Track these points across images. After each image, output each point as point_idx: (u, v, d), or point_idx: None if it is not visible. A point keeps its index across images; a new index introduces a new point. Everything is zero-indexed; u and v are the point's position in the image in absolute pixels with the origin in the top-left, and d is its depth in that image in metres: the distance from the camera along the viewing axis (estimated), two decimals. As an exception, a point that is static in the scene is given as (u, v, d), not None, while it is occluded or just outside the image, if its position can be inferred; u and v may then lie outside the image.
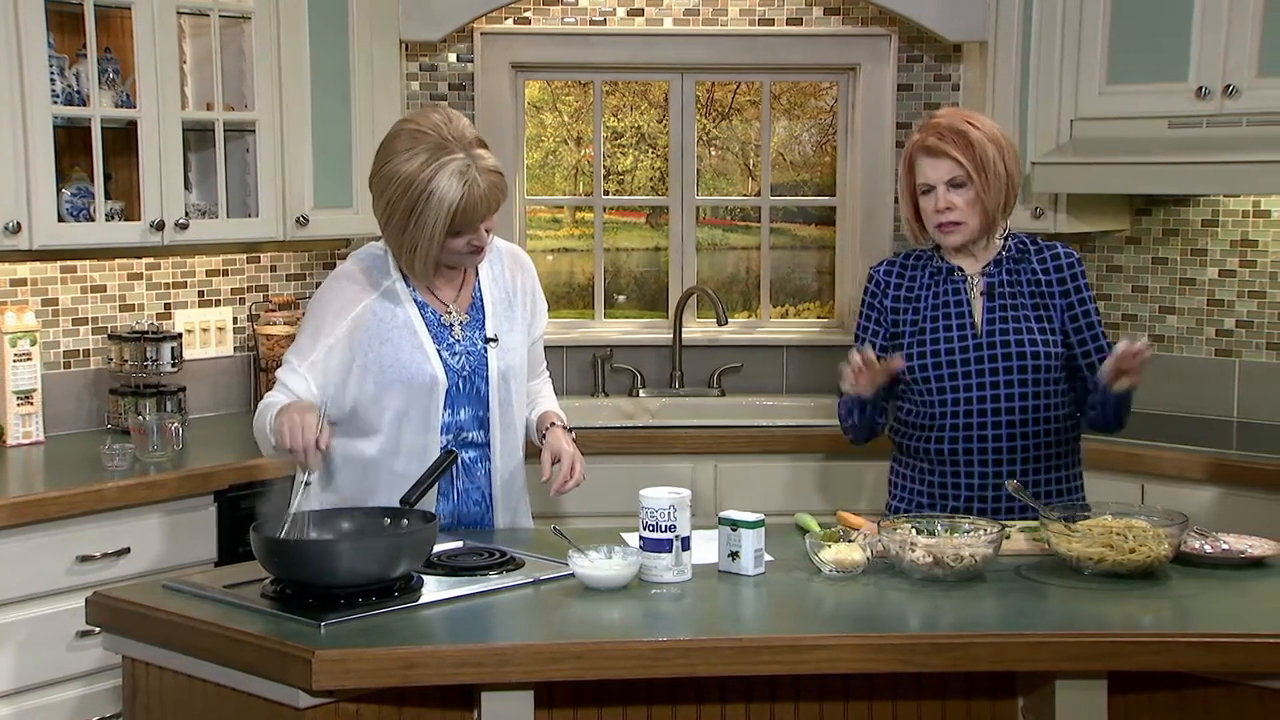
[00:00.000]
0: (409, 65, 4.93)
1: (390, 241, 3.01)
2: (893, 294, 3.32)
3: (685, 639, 2.47)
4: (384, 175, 2.94)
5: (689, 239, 5.15)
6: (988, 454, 3.22)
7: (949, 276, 3.28)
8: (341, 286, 3.06)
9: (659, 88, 5.16)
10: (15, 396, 4.00)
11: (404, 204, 2.90)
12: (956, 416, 3.23)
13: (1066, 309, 3.24)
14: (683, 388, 5.02)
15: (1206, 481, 3.96)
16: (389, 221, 2.96)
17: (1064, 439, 3.28)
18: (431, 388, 3.02)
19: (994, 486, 3.23)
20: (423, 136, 2.91)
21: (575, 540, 2.80)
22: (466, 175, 2.88)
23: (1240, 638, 2.50)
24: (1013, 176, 3.20)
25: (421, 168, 2.88)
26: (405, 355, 3.01)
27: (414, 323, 3.04)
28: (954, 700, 2.67)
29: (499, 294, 3.15)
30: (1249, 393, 4.58)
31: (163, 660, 2.59)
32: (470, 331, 3.09)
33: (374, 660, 2.36)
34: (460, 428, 3.08)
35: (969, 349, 3.23)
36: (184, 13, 4.15)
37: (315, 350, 3.01)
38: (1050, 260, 3.26)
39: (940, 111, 3.30)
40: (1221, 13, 4.16)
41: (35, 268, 4.17)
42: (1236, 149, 4.08)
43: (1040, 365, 3.21)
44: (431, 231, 2.90)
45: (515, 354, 3.14)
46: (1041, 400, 3.22)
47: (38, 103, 3.77)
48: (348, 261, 3.12)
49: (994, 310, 3.24)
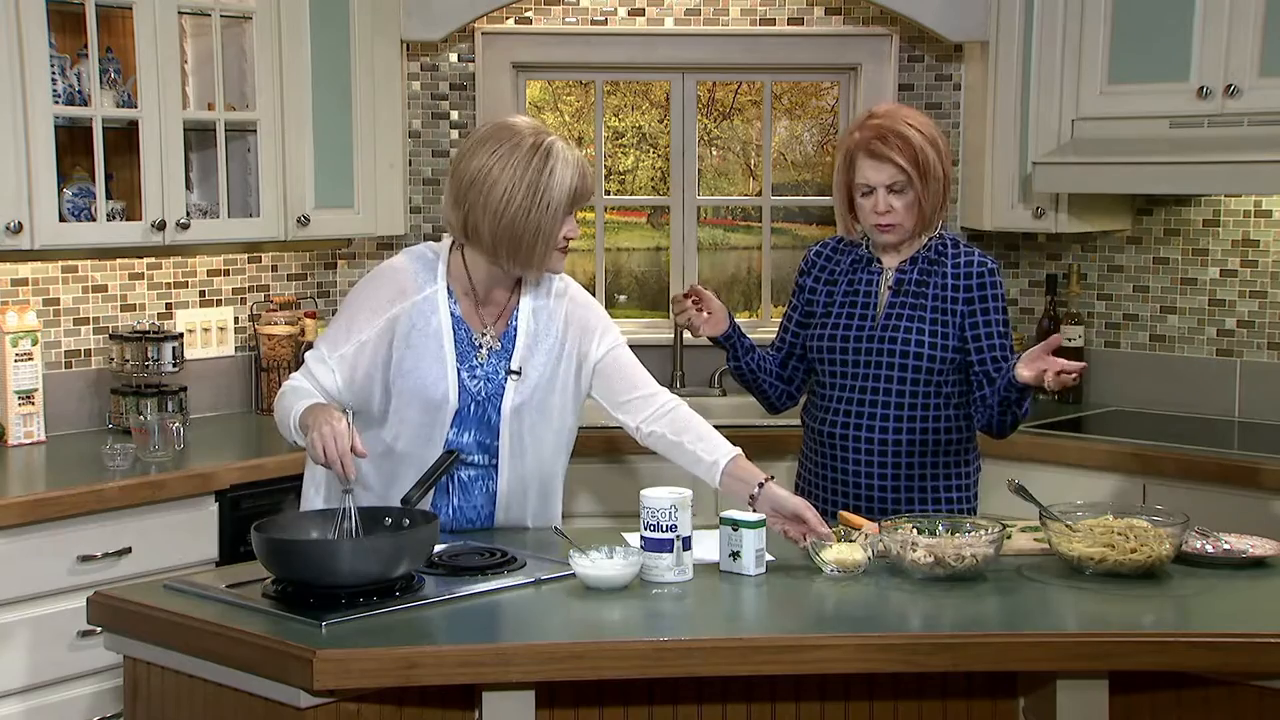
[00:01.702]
0: (410, 65, 4.93)
1: (505, 240, 2.91)
2: (814, 274, 3.42)
3: (686, 639, 2.47)
4: (487, 167, 2.90)
5: (690, 239, 5.15)
6: (862, 442, 3.29)
7: (866, 267, 3.34)
8: (384, 282, 3.02)
9: (660, 87, 5.17)
10: (16, 396, 4.01)
11: (521, 194, 2.88)
12: (840, 403, 3.32)
13: (968, 315, 3.25)
14: (684, 388, 5.02)
15: (1208, 481, 3.96)
16: (501, 217, 2.89)
17: (948, 442, 3.30)
18: (440, 405, 2.99)
19: (866, 475, 3.29)
20: (512, 131, 2.94)
21: (576, 540, 2.80)
22: (572, 151, 2.95)
23: (1241, 637, 2.50)
24: (948, 175, 3.26)
25: (534, 149, 2.90)
26: (425, 366, 2.98)
27: (443, 335, 3.00)
28: (955, 700, 2.67)
29: (534, 328, 3.08)
30: (1250, 392, 4.58)
31: (164, 660, 2.59)
32: (495, 360, 3.05)
33: (375, 660, 2.36)
34: (463, 449, 3.04)
35: (862, 340, 3.29)
36: (185, 13, 4.15)
37: (348, 343, 2.99)
38: (963, 266, 3.28)
39: (879, 109, 3.32)
40: (1223, 13, 4.16)
41: (36, 267, 4.17)
42: (1238, 149, 4.08)
43: (923, 366, 3.24)
44: (555, 210, 2.90)
45: (539, 390, 3.07)
46: (921, 400, 3.26)
47: (39, 103, 3.77)
48: (398, 257, 3.07)
49: (895, 306, 3.29)
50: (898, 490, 3.30)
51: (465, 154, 2.96)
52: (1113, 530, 2.82)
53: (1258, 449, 4.05)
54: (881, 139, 3.20)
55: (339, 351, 2.99)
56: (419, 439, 3.01)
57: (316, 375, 2.99)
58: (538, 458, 3.11)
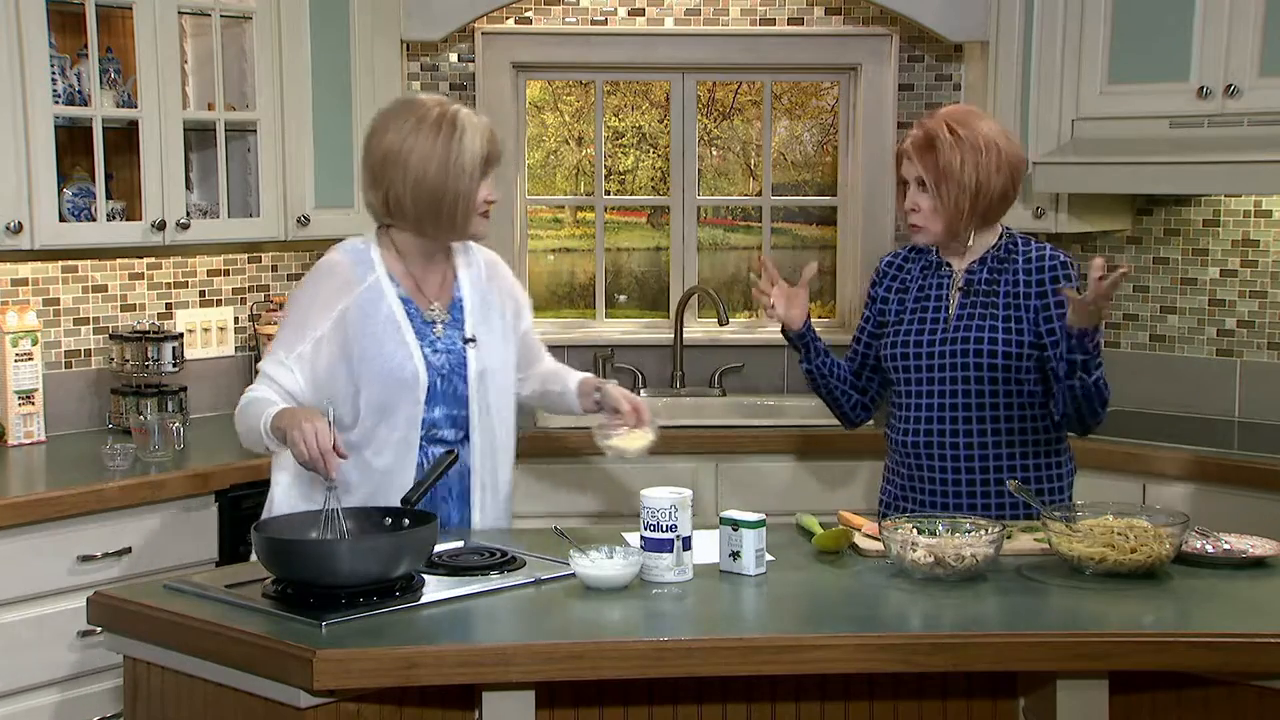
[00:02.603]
0: (410, 65, 4.93)
1: (424, 207, 2.99)
2: (886, 284, 3.40)
3: (686, 639, 2.47)
4: (399, 143, 2.97)
5: (690, 239, 5.15)
6: (946, 448, 3.24)
7: (936, 271, 3.32)
8: (326, 279, 3.05)
9: (660, 87, 5.17)
10: (16, 396, 4.01)
11: (435, 162, 2.95)
12: (919, 409, 3.27)
13: (1041, 309, 3.21)
14: (684, 388, 5.02)
15: (1208, 481, 3.96)
16: (418, 186, 2.96)
17: (1035, 441, 3.25)
18: (414, 384, 3.02)
19: (954, 481, 3.24)
20: (418, 105, 3.01)
21: (576, 540, 2.80)
22: (479, 118, 3.01)
23: (1241, 637, 2.49)
24: (984, 184, 3.17)
25: (439, 120, 2.96)
26: (389, 350, 3.01)
27: (398, 318, 3.04)
28: (955, 700, 2.67)
29: (477, 298, 3.16)
30: (1250, 392, 4.58)
31: (164, 660, 2.59)
32: (451, 331, 3.10)
33: (375, 660, 2.36)
34: (433, 424, 3.07)
35: (935, 343, 3.25)
36: (185, 13, 4.15)
37: (302, 342, 3.00)
38: (1035, 261, 3.25)
39: (941, 109, 3.30)
40: (1223, 12, 4.16)
41: (36, 267, 4.17)
42: (1238, 149, 4.08)
43: (999, 365, 3.19)
44: (472, 170, 2.96)
45: (494, 357, 3.14)
46: (1001, 399, 3.21)
47: (39, 103, 3.77)
48: (332, 253, 3.09)
49: (966, 307, 3.25)
50: (987, 495, 3.23)
51: (375, 133, 3.03)
52: (1113, 530, 2.82)
53: (1258, 449, 4.05)
54: (912, 140, 3.23)
55: (296, 351, 3.00)
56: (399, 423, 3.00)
57: (277, 379, 2.99)
58: (504, 426, 3.19)
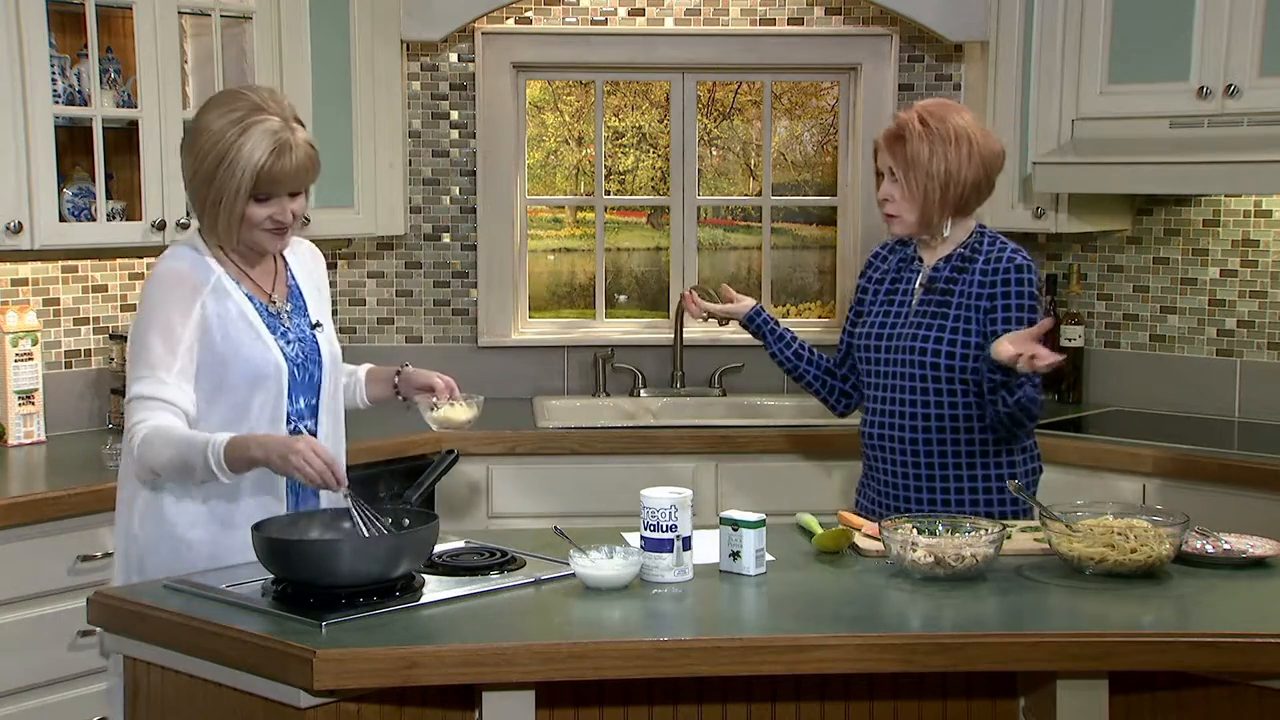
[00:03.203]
0: (410, 65, 4.93)
1: (195, 199, 2.89)
2: (869, 274, 3.46)
3: (686, 639, 2.47)
4: (196, 129, 2.86)
5: (690, 239, 5.15)
6: (898, 442, 3.29)
7: (909, 265, 3.36)
8: (174, 284, 2.87)
9: (660, 87, 5.16)
10: (16, 396, 4.01)
11: (212, 156, 2.81)
12: (877, 401, 3.34)
13: (989, 311, 3.22)
14: (684, 388, 5.02)
15: (1208, 481, 3.96)
16: (195, 175, 2.85)
17: (983, 441, 3.26)
18: (276, 377, 2.91)
19: (915, 475, 3.28)
20: (242, 99, 2.87)
21: (576, 540, 2.80)
22: (280, 137, 2.82)
23: (1241, 637, 2.49)
24: (955, 175, 3.21)
25: (234, 123, 2.81)
26: (246, 348, 2.88)
27: (248, 313, 2.91)
28: (955, 700, 2.67)
29: (311, 284, 3.08)
30: (1250, 393, 4.58)
31: (164, 660, 2.59)
32: (297, 319, 3.01)
33: (375, 660, 2.36)
34: (300, 416, 2.98)
35: (892, 337, 3.30)
36: (185, 13, 4.15)
37: (175, 356, 2.81)
38: (992, 262, 3.25)
39: (918, 103, 3.33)
40: (1223, 12, 4.16)
41: (36, 267, 4.17)
42: (1238, 149, 4.08)
43: (941, 365, 3.22)
44: (236, 186, 2.81)
45: (334, 342, 3.08)
46: (946, 399, 3.24)
47: (39, 103, 3.77)
48: (167, 260, 2.91)
49: (925, 304, 3.29)
50: (934, 490, 3.26)
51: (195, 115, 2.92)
52: (1113, 530, 2.82)
53: (1258, 449, 4.05)
54: (886, 129, 3.28)
55: (175, 368, 2.82)
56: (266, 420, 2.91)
57: (174, 401, 2.80)
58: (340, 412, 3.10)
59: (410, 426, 4.18)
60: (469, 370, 4.88)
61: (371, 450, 4.12)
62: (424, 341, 5.04)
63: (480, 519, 4.36)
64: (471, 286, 5.04)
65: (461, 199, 5.02)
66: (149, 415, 2.79)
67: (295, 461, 2.68)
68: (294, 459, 2.68)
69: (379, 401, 3.25)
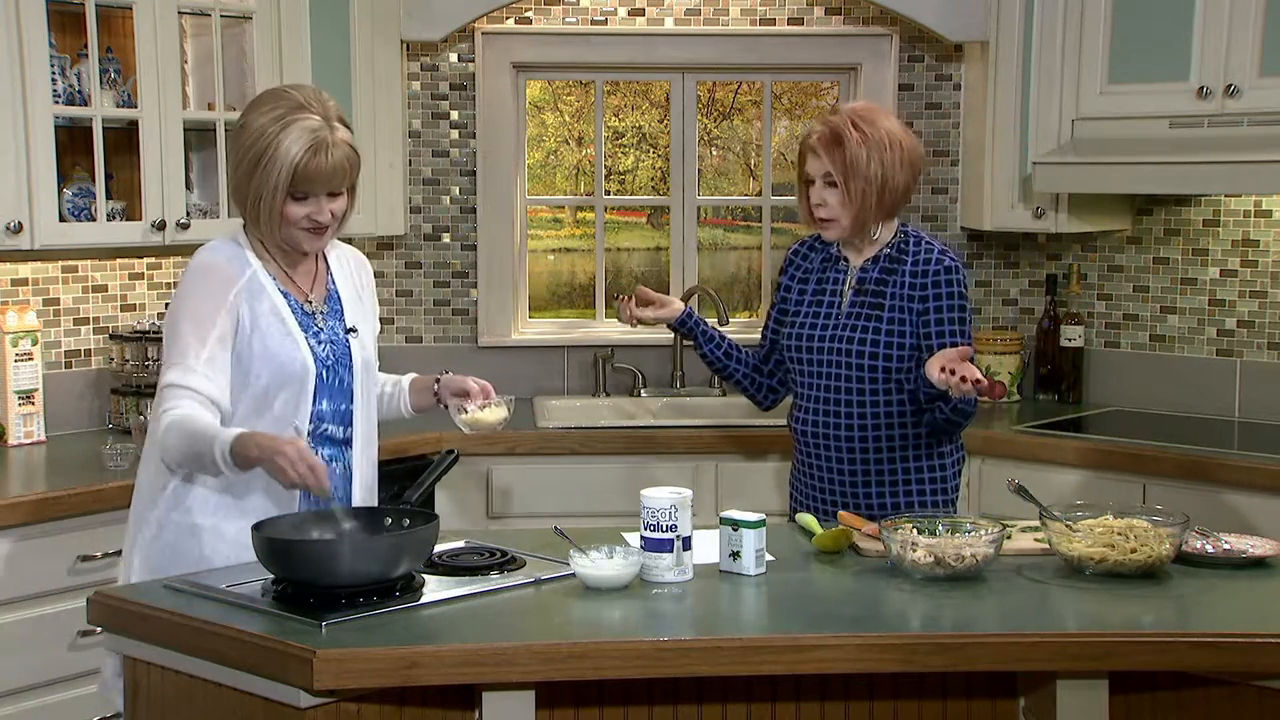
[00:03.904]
0: (410, 65, 4.93)
1: (237, 195, 2.92)
2: (791, 273, 3.48)
3: (686, 639, 2.47)
4: (241, 126, 2.89)
5: (690, 239, 5.15)
6: (833, 440, 3.33)
7: (834, 265, 3.39)
8: (208, 278, 2.89)
9: (660, 87, 5.17)
10: (16, 396, 4.01)
11: (253, 152, 2.84)
12: (811, 400, 3.36)
13: (920, 314, 3.26)
14: (684, 388, 5.02)
15: (1208, 481, 3.96)
16: (237, 170, 2.88)
17: (913, 435, 3.30)
18: (303, 376, 2.91)
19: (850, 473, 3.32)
20: (286, 97, 2.89)
21: (576, 540, 2.80)
22: (318, 136, 2.84)
23: (1241, 637, 2.49)
24: (889, 180, 3.24)
25: (276, 120, 2.83)
26: (275, 343, 2.89)
27: (281, 310, 2.92)
28: (955, 700, 2.67)
29: (350, 290, 3.08)
30: (1250, 393, 4.58)
31: (164, 660, 2.59)
32: (331, 321, 3.01)
33: (375, 660, 2.36)
34: (321, 419, 2.97)
35: (825, 338, 3.33)
36: (185, 12, 4.15)
37: (206, 345, 2.83)
38: (921, 264, 3.29)
39: (843, 106, 3.37)
40: (1223, 12, 4.16)
41: (36, 267, 4.17)
42: (1238, 149, 4.08)
43: (879, 366, 3.27)
44: (274, 183, 2.83)
45: (370, 349, 3.08)
46: (882, 398, 3.28)
47: (39, 103, 3.77)
48: (203, 254, 2.94)
49: (856, 305, 3.32)
50: (869, 486, 3.32)
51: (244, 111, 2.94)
52: (1113, 530, 2.82)
53: (1258, 449, 4.05)
54: (819, 134, 3.27)
55: (204, 355, 2.83)
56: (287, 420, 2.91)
57: (199, 389, 2.82)
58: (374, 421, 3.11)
59: (411, 427, 4.19)
60: (469, 370, 4.87)
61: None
62: (424, 341, 5.04)
63: (480, 519, 4.36)
64: (471, 286, 5.04)
65: (461, 199, 5.02)
66: (175, 404, 2.80)
67: (279, 463, 2.68)
68: (279, 460, 2.68)
69: (423, 410, 3.24)
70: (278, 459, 2.68)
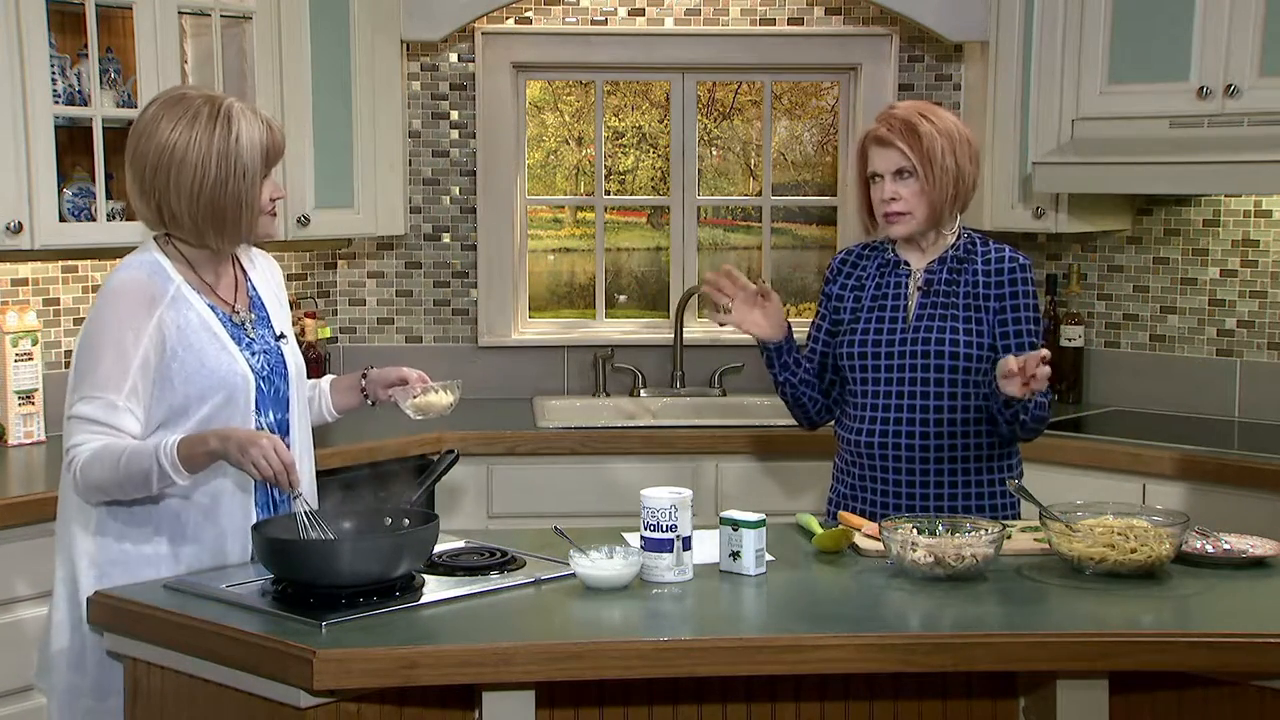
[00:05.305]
0: (410, 65, 4.94)
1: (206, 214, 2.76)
2: (841, 281, 3.36)
3: (686, 639, 2.47)
4: (170, 145, 2.74)
5: (690, 239, 5.15)
6: (901, 449, 3.22)
7: (894, 270, 3.30)
8: (129, 298, 2.75)
9: (660, 87, 5.17)
10: (16, 396, 4.01)
11: (215, 159, 2.73)
12: (876, 409, 3.24)
13: (998, 312, 3.21)
14: (684, 388, 5.02)
15: (1208, 481, 3.96)
16: (199, 190, 2.73)
17: (990, 445, 3.25)
18: (244, 389, 2.81)
19: (907, 483, 3.23)
20: (186, 100, 2.79)
21: (576, 540, 2.80)
22: (253, 111, 2.81)
23: (1242, 638, 2.49)
24: (963, 171, 3.19)
25: (213, 117, 2.75)
26: (211, 359, 2.78)
27: (212, 324, 2.81)
28: (955, 700, 2.67)
29: (270, 295, 3.00)
30: (1250, 393, 4.58)
31: (164, 660, 2.59)
32: (260, 330, 2.93)
33: (375, 660, 2.36)
34: (269, 430, 2.87)
35: (895, 343, 3.23)
36: (185, 13, 4.15)
37: (128, 376, 2.71)
38: (994, 262, 3.24)
39: (898, 104, 3.31)
40: (1223, 12, 4.16)
41: (37, 267, 4.17)
42: (1238, 149, 4.08)
43: (959, 366, 3.18)
44: (251, 174, 2.76)
45: (299, 354, 3.01)
46: (960, 401, 3.20)
47: (39, 103, 3.77)
48: (120, 273, 2.80)
49: (926, 307, 3.24)
50: (940, 496, 3.23)
51: (141, 135, 2.78)
52: (1113, 530, 2.82)
53: (1258, 449, 4.05)
54: (888, 126, 3.20)
55: (125, 387, 2.72)
56: None
57: (120, 426, 2.71)
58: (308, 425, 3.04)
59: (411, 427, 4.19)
60: (469, 370, 4.89)
61: (371, 450, 4.12)
62: (424, 341, 5.05)
63: (480, 519, 4.36)
64: (471, 286, 5.04)
65: (461, 199, 5.02)
66: (91, 439, 2.72)
67: (254, 454, 2.62)
68: (254, 451, 2.62)
69: (347, 411, 3.16)
70: (252, 450, 2.63)
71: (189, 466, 2.68)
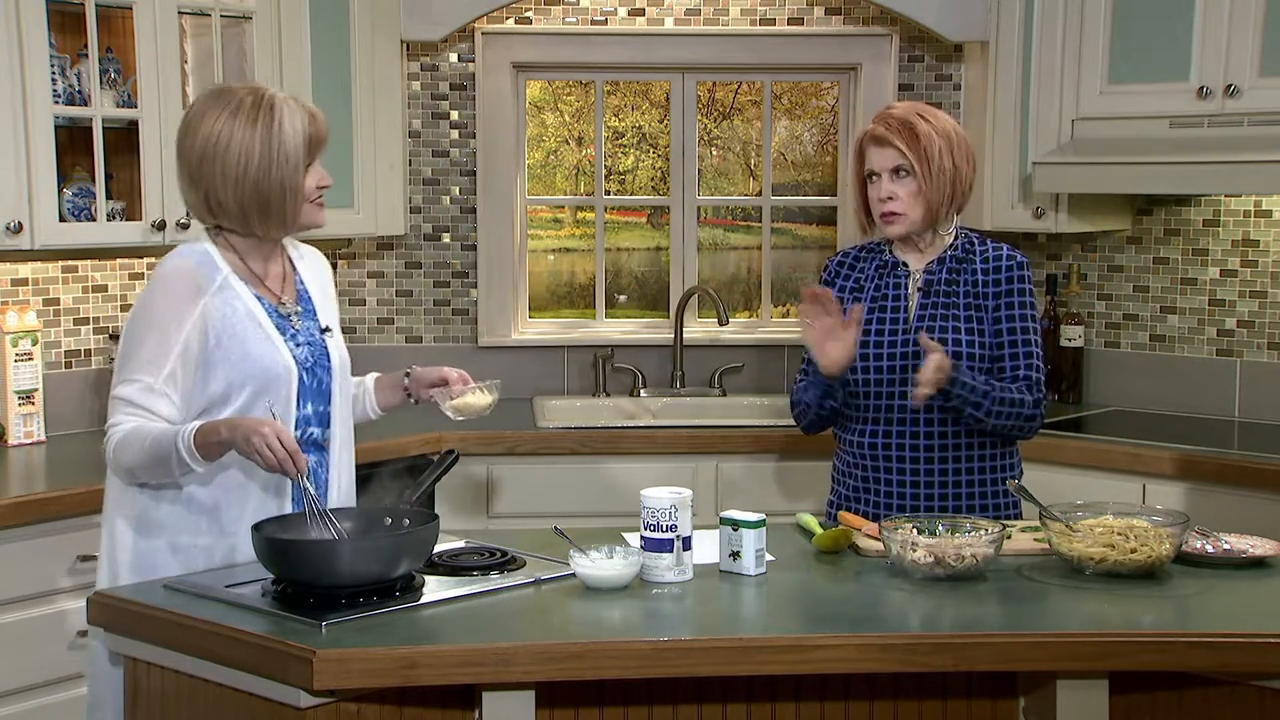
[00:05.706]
0: (410, 65, 4.94)
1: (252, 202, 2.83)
2: (839, 284, 3.35)
3: (686, 639, 2.47)
4: (215, 134, 2.81)
5: (690, 239, 5.15)
6: (906, 450, 3.23)
7: (893, 271, 3.30)
8: (175, 285, 2.82)
9: (660, 87, 5.17)
10: (16, 396, 4.01)
11: (259, 147, 2.80)
12: (878, 410, 3.24)
13: (994, 310, 3.22)
14: (684, 388, 5.02)
15: (1208, 481, 3.96)
16: (244, 176, 2.80)
17: (993, 444, 3.25)
18: (285, 379, 2.86)
19: (911, 483, 3.23)
20: (230, 93, 2.86)
21: (576, 540, 2.80)
22: (296, 101, 2.87)
23: (1242, 637, 2.49)
24: (960, 171, 3.20)
25: (255, 106, 2.82)
26: (255, 348, 2.83)
27: (257, 314, 2.86)
28: (955, 700, 2.67)
29: (318, 289, 3.05)
30: (1250, 393, 4.58)
31: (164, 660, 2.59)
32: (306, 322, 2.97)
33: (375, 660, 2.36)
34: (306, 422, 2.93)
35: (896, 344, 3.23)
36: (185, 13, 4.15)
37: (167, 361, 2.77)
38: (993, 260, 3.25)
39: (896, 104, 3.32)
40: (1223, 12, 4.16)
41: (37, 267, 4.18)
42: (1238, 149, 4.08)
43: (961, 366, 3.16)
44: (294, 161, 2.82)
45: (343, 347, 3.04)
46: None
47: (39, 103, 3.77)
48: (170, 260, 2.87)
49: (927, 307, 3.24)
50: (945, 496, 3.23)
51: (188, 130, 2.85)
52: (1113, 530, 2.82)
53: (1258, 449, 4.05)
54: (886, 125, 3.20)
55: (164, 372, 2.77)
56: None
57: (154, 409, 2.77)
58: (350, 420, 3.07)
59: (411, 427, 4.19)
60: (469, 370, 4.88)
61: (372, 450, 4.12)
62: (424, 341, 5.04)
63: (480, 519, 4.36)
64: (471, 286, 5.04)
65: (461, 199, 5.02)
66: (126, 420, 2.78)
67: (256, 443, 2.64)
68: (256, 440, 2.64)
69: (390, 409, 3.19)
70: (254, 439, 2.65)
71: (204, 454, 2.71)
